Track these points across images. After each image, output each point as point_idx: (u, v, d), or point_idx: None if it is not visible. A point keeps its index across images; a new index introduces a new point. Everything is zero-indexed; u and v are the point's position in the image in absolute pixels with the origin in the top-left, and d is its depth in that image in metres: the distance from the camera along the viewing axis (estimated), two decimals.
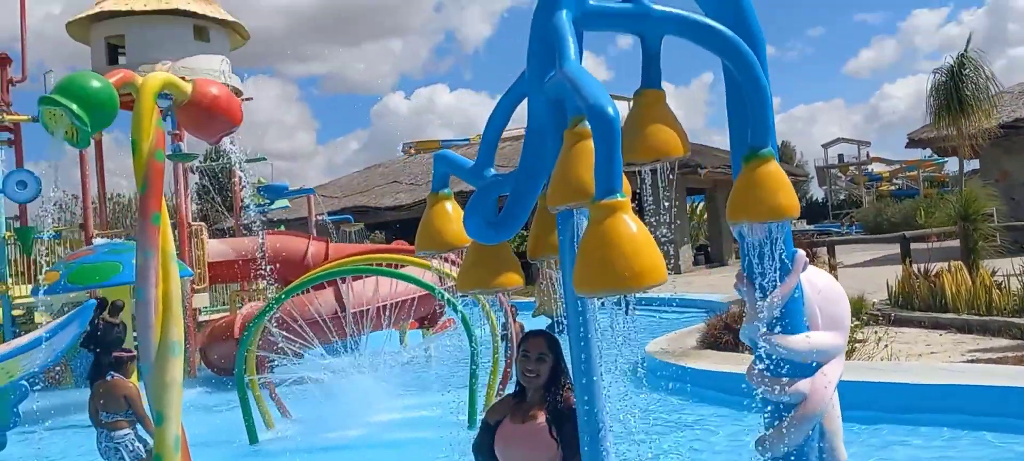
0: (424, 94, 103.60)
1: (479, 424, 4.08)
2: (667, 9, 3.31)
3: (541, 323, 17.59)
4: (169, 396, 6.43)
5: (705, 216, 39.68)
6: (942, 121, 15.10)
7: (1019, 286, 11.39)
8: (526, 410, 3.83)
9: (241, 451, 9.17)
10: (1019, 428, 6.75)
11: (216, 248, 18.06)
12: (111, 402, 7.64)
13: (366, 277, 13.03)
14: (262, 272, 15.57)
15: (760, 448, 4.31)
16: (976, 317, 11.05)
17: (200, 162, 20.71)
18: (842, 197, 65.55)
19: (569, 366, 3.57)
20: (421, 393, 11.40)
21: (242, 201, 21.26)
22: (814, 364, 4.20)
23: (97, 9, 19.87)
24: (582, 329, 3.37)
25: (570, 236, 3.38)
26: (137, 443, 7.67)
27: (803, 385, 4.16)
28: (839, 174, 64.01)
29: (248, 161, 20.23)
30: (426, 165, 40.19)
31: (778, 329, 4.17)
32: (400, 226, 34.05)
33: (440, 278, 10.42)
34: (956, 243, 14.26)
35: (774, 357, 4.14)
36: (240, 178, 21.30)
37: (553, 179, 3.12)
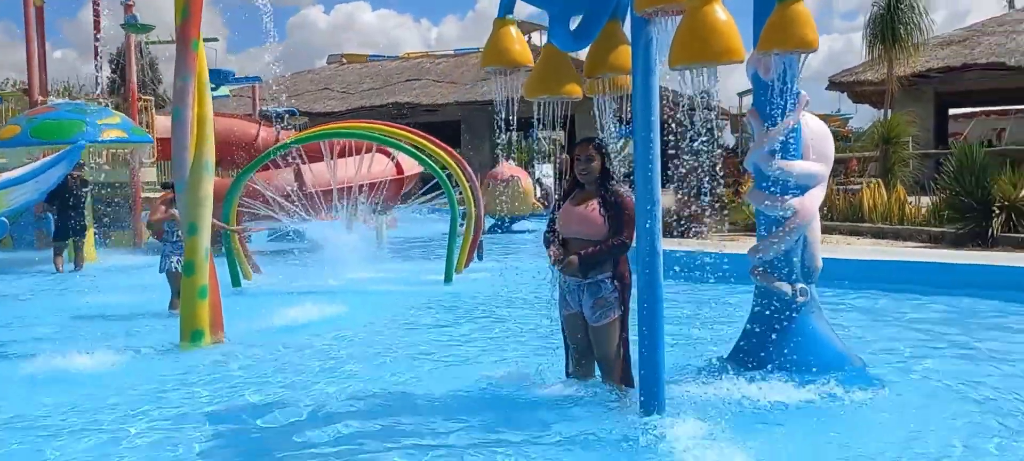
0: (345, 10, 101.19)
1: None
2: None
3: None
4: (202, 210, 7.04)
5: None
6: (875, 51, 16.40)
7: (928, 204, 12.85)
8: (583, 197, 4.73)
9: (225, 292, 9.65)
10: (929, 292, 8.09)
11: (166, 124, 17.99)
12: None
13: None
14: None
15: (753, 254, 5.28)
16: (890, 226, 12.45)
17: (147, 39, 20.38)
18: (751, 144, 68.36)
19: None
20: (387, 262, 12.12)
21: None
22: (803, 186, 5.16)
23: None
24: (649, 122, 4.15)
25: (644, 42, 4.13)
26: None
27: (794, 201, 5.12)
28: (751, 122, 66.57)
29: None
30: (358, 74, 40.00)
31: (780, 156, 5.10)
32: None
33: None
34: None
35: (774, 178, 5.07)
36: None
37: None
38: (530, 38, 42.43)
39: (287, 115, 21.88)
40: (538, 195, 20.59)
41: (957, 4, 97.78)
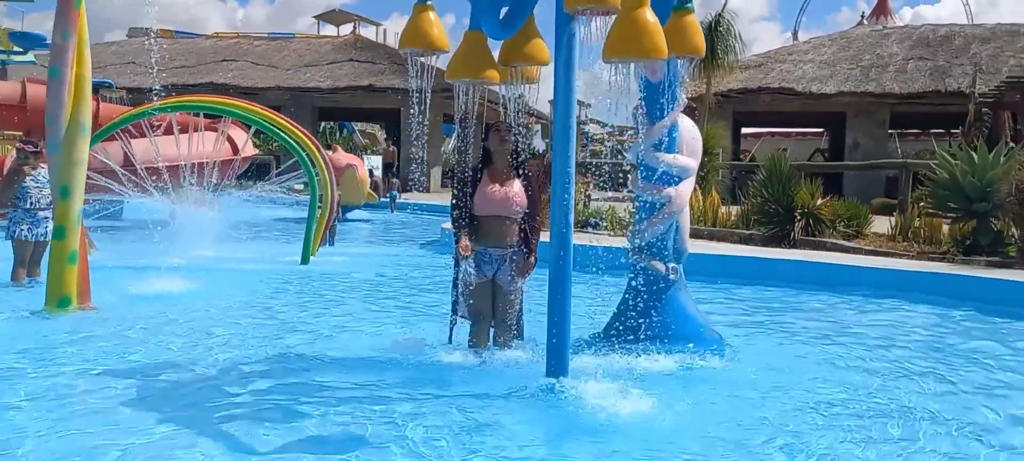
0: None
1: (456, 184, 5.24)
2: None
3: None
4: (76, 173, 6.79)
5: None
6: (696, 68, 17.98)
7: (736, 210, 14.31)
8: (503, 176, 5.19)
9: None
10: (748, 282, 9.24)
11: None
12: None
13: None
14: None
15: (632, 236, 5.91)
16: (705, 228, 13.74)
17: None
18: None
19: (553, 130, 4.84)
20: (232, 243, 11.90)
21: None
22: (678, 177, 5.85)
23: None
24: (569, 111, 4.64)
25: (568, 36, 4.61)
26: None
27: (670, 191, 5.80)
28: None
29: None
30: (167, 50, 37.97)
31: (663, 149, 5.77)
32: None
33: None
34: None
35: (654, 169, 5.72)
36: None
37: None
38: (354, 27, 42.08)
39: (102, 87, 20.56)
40: (369, 186, 20.69)
41: (745, 33, 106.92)
